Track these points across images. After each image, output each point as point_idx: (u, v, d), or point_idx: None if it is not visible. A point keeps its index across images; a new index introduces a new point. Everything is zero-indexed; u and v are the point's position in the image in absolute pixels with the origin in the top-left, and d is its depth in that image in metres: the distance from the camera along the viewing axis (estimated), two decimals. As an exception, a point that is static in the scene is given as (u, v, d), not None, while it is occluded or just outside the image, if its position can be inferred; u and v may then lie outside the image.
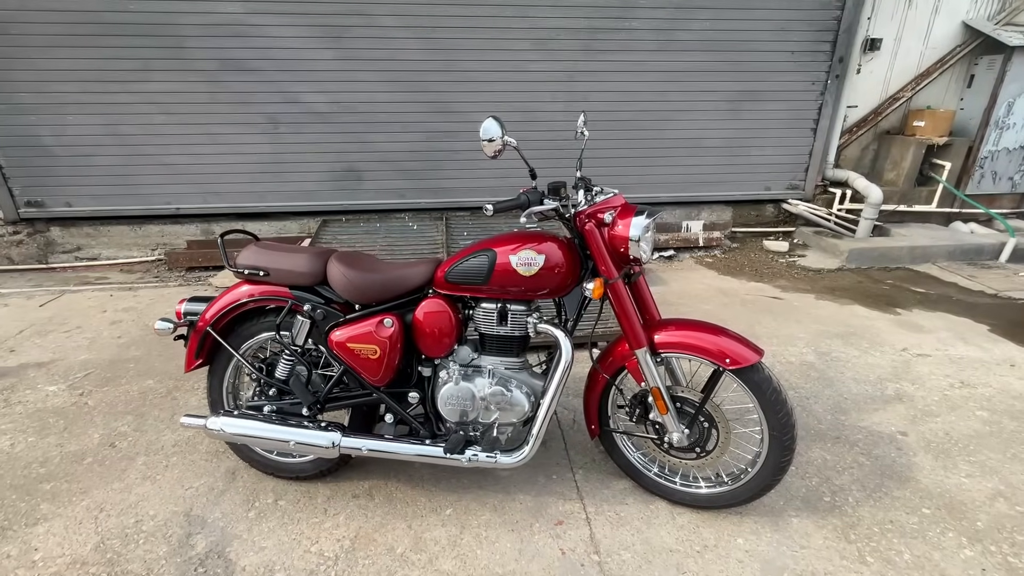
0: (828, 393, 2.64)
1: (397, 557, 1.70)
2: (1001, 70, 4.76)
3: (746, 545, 1.75)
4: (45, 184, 4.13)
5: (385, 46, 4.19)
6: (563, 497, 1.95)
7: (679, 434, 1.73)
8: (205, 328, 1.82)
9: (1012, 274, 4.35)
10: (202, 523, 1.82)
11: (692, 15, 4.37)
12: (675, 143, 4.80)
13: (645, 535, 1.79)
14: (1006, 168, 5.12)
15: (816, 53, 4.63)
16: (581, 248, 1.70)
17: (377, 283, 1.72)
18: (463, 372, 1.75)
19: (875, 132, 5.31)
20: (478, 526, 1.82)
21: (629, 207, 1.65)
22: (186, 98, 4.08)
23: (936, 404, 2.55)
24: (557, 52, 4.35)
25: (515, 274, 1.63)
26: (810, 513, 1.89)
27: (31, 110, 3.94)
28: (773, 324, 3.41)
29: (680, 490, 1.87)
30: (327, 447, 1.72)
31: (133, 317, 3.45)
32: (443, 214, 4.56)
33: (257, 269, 1.76)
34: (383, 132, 4.43)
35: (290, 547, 1.73)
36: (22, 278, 4.14)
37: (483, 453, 1.71)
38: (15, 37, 3.77)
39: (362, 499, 1.93)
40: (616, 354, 1.80)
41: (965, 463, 2.15)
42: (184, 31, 3.93)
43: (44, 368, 2.82)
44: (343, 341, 1.72)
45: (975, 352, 3.05)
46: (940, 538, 1.79)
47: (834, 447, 2.24)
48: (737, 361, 1.60)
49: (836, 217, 5.08)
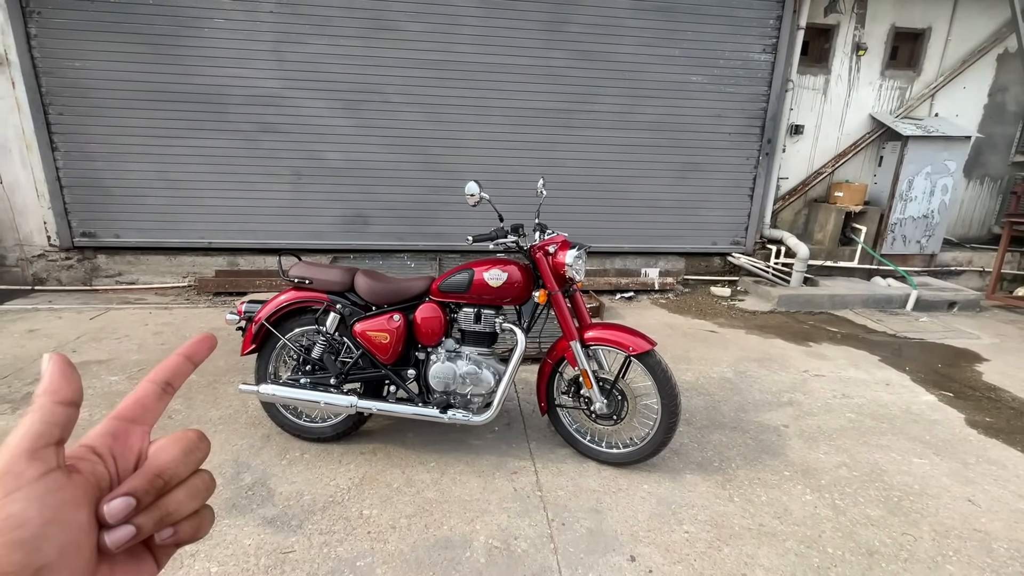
0: (736, 399, 3.35)
1: (394, 489, 2.32)
2: (900, 153, 5.80)
3: (649, 489, 2.40)
4: (100, 219, 4.87)
5: (392, 116, 5.12)
6: (519, 458, 2.60)
7: (600, 403, 2.43)
8: (261, 321, 2.52)
9: (913, 320, 5.17)
10: (247, 466, 2.44)
11: (644, 102, 5.38)
12: (635, 203, 5.70)
13: (577, 481, 2.43)
14: (913, 233, 6.07)
15: (748, 135, 5.64)
16: (534, 270, 2.46)
17: (390, 290, 2.45)
18: (448, 356, 2.45)
19: (805, 199, 6.29)
20: (454, 473, 2.45)
21: (567, 243, 2.42)
22: (226, 152, 4.92)
23: (817, 408, 3.26)
24: (533, 127, 5.31)
25: (487, 286, 2.37)
26: (701, 472, 2.55)
27: (97, 157, 4.74)
28: (705, 350, 4.14)
29: (605, 452, 2.53)
30: (347, 407, 2.39)
31: (172, 329, 4.10)
32: (437, 255, 5.34)
33: (304, 279, 2.48)
34: (388, 185, 5.27)
35: (314, 482, 2.35)
36: (69, 297, 4.79)
37: (460, 412, 2.39)
38: (93, 100, 4.62)
39: (367, 455, 2.56)
40: (558, 347, 2.51)
41: (826, 445, 2.84)
42: (230, 99, 4.82)
43: (104, 364, 3.45)
44: (363, 331, 2.43)
45: (862, 375, 3.79)
46: (791, 488, 2.45)
47: (730, 433, 2.92)
48: (637, 349, 2.32)
49: (773, 269, 5.93)
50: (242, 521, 2.09)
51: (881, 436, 2.95)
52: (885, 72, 5.95)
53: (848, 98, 5.98)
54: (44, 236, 4.88)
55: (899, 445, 2.87)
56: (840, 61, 5.85)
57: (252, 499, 2.23)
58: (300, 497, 2.25)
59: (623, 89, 5.33)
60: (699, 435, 2.88)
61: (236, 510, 2.16)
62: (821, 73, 5.87)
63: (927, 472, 2.63)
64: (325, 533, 2.05)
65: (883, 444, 2.87)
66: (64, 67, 4.52)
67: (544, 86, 5.21)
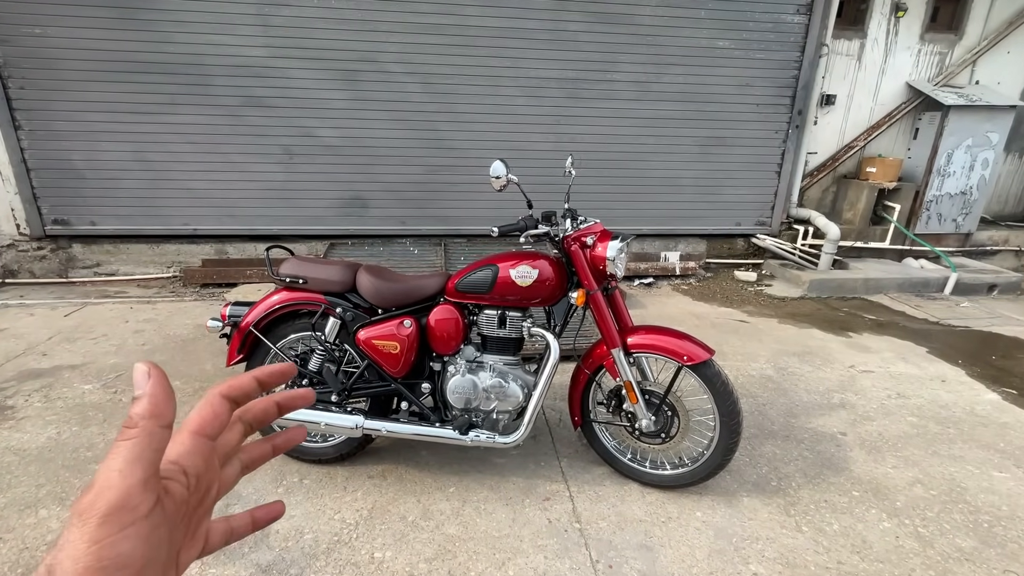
0: (782, 401, 3.01)
1: (409, 524, 1.99)
2: (940, 125, 5.38)
3: (704, 517, 2.08)
4: (72, 204, 4.44)
5: (391, 88, 4.66)
6: (550, 480, 2.27)
7: (647, 420, 2.08)
8: (248, 328, 2.15)
9: (954, 305, 4.83)
10: (237, 496, 2.10)
11: (665, 70, 4.92)
12: (654, 181, 5.29)
13: (619, 509, 2.11)
14: (949, 211, 5.69)
15: (778, 106, 5.20)
16: (567, 265, 2.08)
17: (400, 291, 2.07)
18: (468, 367, 2.09)
19: (834, 176, 5.88)
20: (477, 500, 2.12)
21: (607, 232, 2.05)
22: (209, 129, 4.47)
23: (874, 411, 2.93)
24: (545, 99, 4.85)
25: (513, 285, 1.99)
26: (759, 494, 2.23)
27: (66, 137, 4.28)
28: (738, 343, 3.80)
29: (649, 473, 2.20)
30: (352, 428, 2.04)
31: (154, 327, 3.73)
32: (442, 240, 4.95)
33: (297, 277, 2.10)
34: (387, 164, 4.84)
35: (316, 515, 2.02)
36: (43, 290, 4.40)
37: (484, 434, 2.04)
38: (58, 72, 4.15)
39: (376, 479, 2.23)
40: (596, 354, 2.16)
41: (892, 457, 2.52)
42: (211, 70, 4.35)
43: (77, 370, 3.08)
44: (368, 339, 2.06)
45: (913, 370, 3.46)
46: (865, 513, 2.14)
47: (784, 444, 2.60)
48: (693, 358, 1.97)
49: (800, 251, 5.56)
50: (232, 571, 1.76)
51: (951, 444, 2.63)
52: (925, 36, 5.47)
53: (884, 64, 5.52)
54: (12, 224, 4.46)
55: (973, 455, 2.55)
56: (877, 23, 5.37)
57: (243, 540, 1.89)
58: (300, 536, 1.92)
59: (643, 56, 4.86)
60: (750, 447, 2.55)
61: (224, 555, 1.82)
62: (856, 37, 5.40)
63: (1012, 489, 2.32)
64: (330, 585, 1.72)
65: (955, 454, 2.55)
66: (23, 34, 4.03)
67: (557, 52, 4.74)
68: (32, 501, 2.04)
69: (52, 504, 2.03)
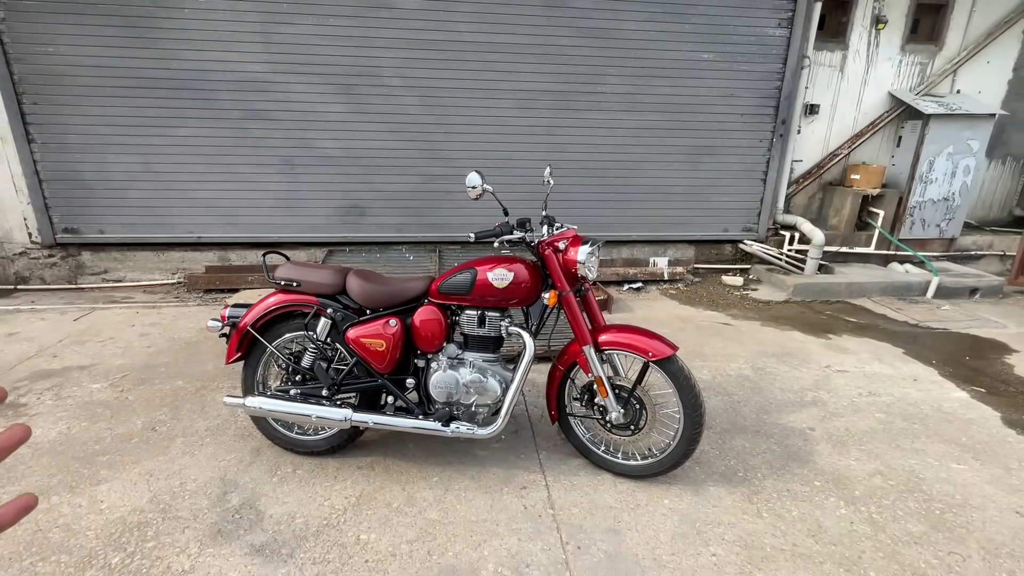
0: (756, 399, 3.15)
1: (393, 510, 2.14)
2: (921, 133, 5.53)
3: (671, 504, 2.22)
4: (82, 213, 4.64)
5: (388, 101, 4.85)
6: (528, 470, 2.41)
7: (616, 413, 2.23)
8: (246, 328, 2.31)
9: (935, 308, 4.95)
10: (235, 485, 2.26)
11: (652, 82, 5.10)
12: (643, 189, 5.45)
13: (592, 497, 2.25)
14: (933, 216, 5.82)
15: (762, 116, 5.37)
16: (542, 268, 2.24)
17: (386, 293, 2.23)
18: (450, 363, 2.24)
19: (819, 183, 6.04)
20: (459, 489, 2.27)
21: (578, 238, 2.20)
22: (212, 142, 4.67)
23: (844, 408, 3.06)
24: (536, 111, 5.04)
25: (491, 286, 2.15)
26: (725, 484, 2.36)
27: (76, 149, 4.49)
28: (720, 345, 3.94)
29: (621, 463, 2.34)
30: (341, 420, 2.19)
31: (159, 331, 3.90)
32: (436, 247, 5.12)
33: (292, 280, 2.27)
34: (385, 174, 5.02)
35: (307, 502, 2.17)
36: (53, 296, 4.59)
37: (464, 426, 2.19)
38: (69, 88, 4.36)
39: (365, 470, 2.38)
40: (569, 352, 2.31)
41: (856, 451, 2.64)
42: (215, 85, 4.55)
43: (86, 370, 3.25)
44: (357, 337, 2.22)
45: (887, 369, 3.59)
46: (824, 501, 2.27)
47: (753, 438, 2.73)
48: (657, 354, 2.11)
49: (786, 256, 5.70)
50: (228, 550, 1.91)
51: (914, 439, 2.76)
52: (905, 47, 5.64)
53: (866, 75, 5.68)
54: (25, 233, 4.66)
55: (935, 449, 2.68)
56: (858, 35, 5.54)
57: (239, 524, 2.04)
58: (292, 520, 2.07)
59: (630, 68, 5.05)
60: (720, 440, 2.69)
61: (222, 536, 1.97)
62: (838, 49, 5.57)
63: (968, 479, 2.44)
64: (319, 563, 1.87)
65: (918, 448, 2.68)
66: (36, 52, 4.25)
67: (547, 66, 4.93)
68: (45, 489, 2.20)
69: (63, 492, 2.19)
